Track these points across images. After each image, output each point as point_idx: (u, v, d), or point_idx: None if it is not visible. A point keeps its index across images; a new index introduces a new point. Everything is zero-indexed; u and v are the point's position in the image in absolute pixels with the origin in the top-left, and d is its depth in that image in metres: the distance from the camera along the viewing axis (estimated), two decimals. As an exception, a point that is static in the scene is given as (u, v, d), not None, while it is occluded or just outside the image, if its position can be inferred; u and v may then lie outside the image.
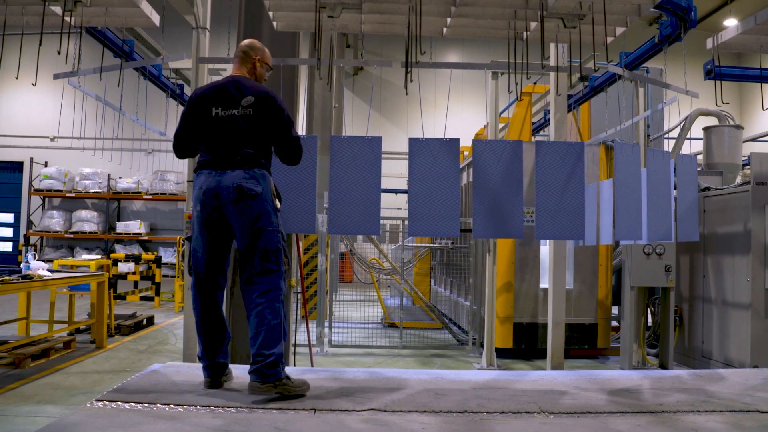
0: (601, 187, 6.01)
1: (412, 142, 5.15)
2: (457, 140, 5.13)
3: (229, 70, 9.58)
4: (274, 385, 3.77)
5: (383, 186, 5.28)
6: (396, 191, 22.09)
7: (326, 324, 9.77)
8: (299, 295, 7.17)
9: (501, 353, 8.69)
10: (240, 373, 4.30)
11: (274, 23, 5.15)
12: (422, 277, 14.45)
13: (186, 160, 6.85)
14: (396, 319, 10.87)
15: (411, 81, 4.59)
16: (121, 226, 22.08)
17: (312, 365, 7.19)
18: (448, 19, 4.89)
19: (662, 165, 5.64)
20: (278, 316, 3.86)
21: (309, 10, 4.74)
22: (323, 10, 4.65)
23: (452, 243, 10.83)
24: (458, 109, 23.82)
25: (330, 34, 9.95)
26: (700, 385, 4.52)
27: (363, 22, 4.99)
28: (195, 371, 4.45)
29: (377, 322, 11.99)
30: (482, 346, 8.56)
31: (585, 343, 9.04)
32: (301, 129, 6.70)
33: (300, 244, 7.11)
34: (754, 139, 14.92)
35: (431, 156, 4.94)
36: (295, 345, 7.14)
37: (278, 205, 4.06)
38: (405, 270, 12.08)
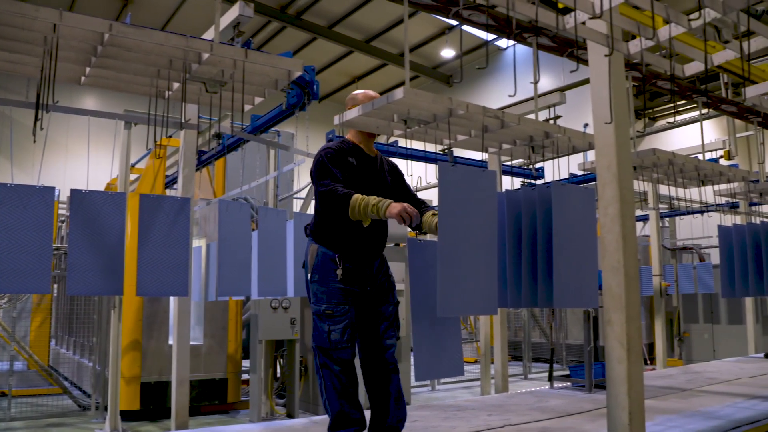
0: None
1: None
2: (51, 189, 4.75)
3: None
4: None
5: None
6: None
7: None
8: None
9: (128, 416, 8.21)
10: None
11: None
12: (42, 338, 12.97)
13: None
14: (5, 387, 9.59)
15: (41, 129, 4.19)
16: None
17: None
18: (87, 68, 4.67)
19: (277, 223, 6.00)
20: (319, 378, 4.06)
21: None
22: (-67, 38, 4.06)
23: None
24: (93, 158, 22.36)
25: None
26: (315, 431, 4.90)
27: (-12, 59, 4.48)
28: None
29: (-18, 392, 10.46)
30: (106, 409, 8.03)
31: (216, 399, 9.06)
32: None
33: None
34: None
35: (21, 205, 4.51)
36: None
37: (309, 276, 4.00)
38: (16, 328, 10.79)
